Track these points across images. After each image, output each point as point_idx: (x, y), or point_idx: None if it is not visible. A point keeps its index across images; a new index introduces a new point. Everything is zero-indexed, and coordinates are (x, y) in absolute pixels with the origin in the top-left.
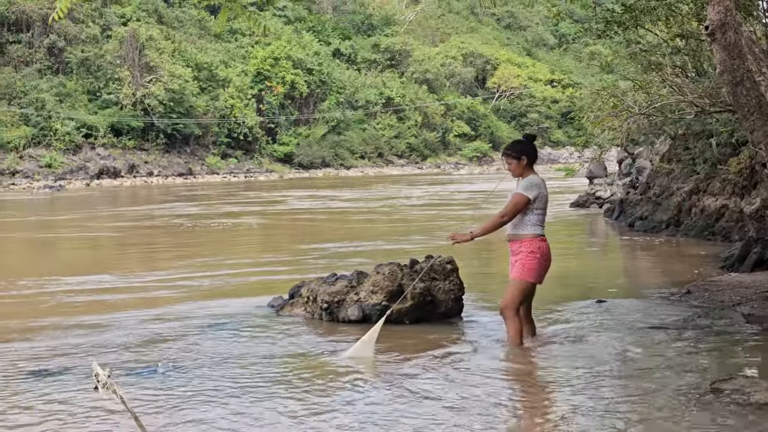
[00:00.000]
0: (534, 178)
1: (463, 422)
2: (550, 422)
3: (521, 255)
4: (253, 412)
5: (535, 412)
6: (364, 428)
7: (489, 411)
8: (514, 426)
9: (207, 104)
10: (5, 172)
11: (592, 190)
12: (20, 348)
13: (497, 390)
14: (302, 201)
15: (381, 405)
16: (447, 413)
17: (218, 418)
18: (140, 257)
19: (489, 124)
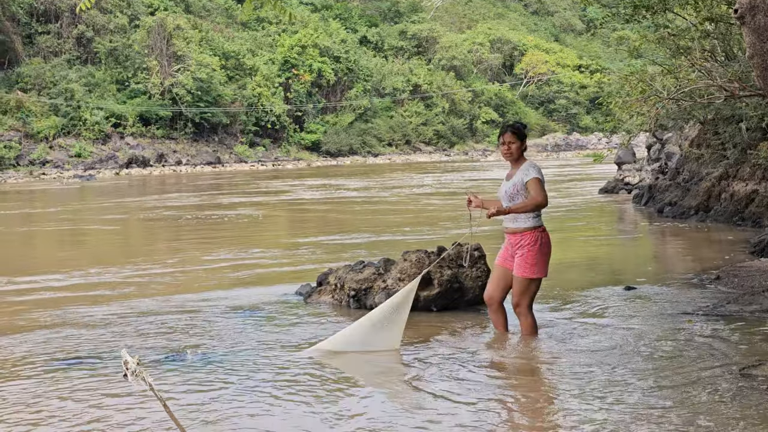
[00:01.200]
0: (534, 163)
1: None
2: (574, 413)
3: (524, 249)
4: (281, 401)
5: (558, 402)
6: (389, 421)
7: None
8: (551, 410)
9: (234, 93)
10: (36, 162)
11: (621, 176)
12: (51, 337)
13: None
14: (334, 189)
15: (403, 398)
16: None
17: (246, 404)
18: (162, 246)
19: (517, 111)
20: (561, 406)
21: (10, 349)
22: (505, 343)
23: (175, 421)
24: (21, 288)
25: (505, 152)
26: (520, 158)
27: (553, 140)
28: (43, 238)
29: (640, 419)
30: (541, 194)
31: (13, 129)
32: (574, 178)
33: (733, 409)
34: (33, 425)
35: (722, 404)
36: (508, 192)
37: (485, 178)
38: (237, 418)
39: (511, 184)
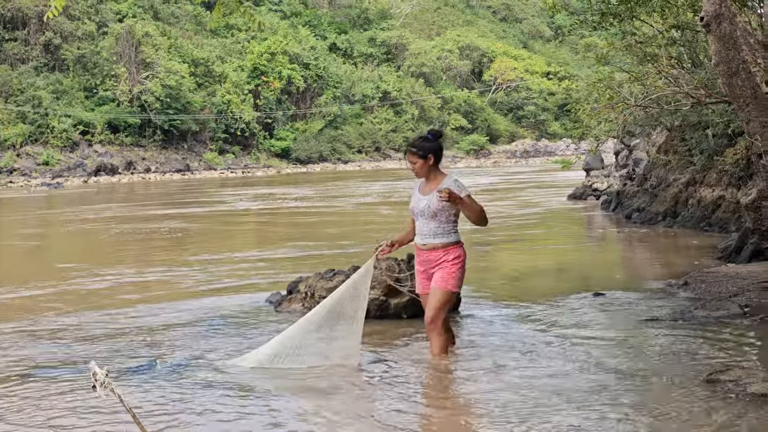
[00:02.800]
0: (456, 177)
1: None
2: (538, 414)
3: (446, 264)
4: (249, 409)
5: (519, 405)
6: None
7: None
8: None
9: (204, 100)
10: (2, 170)
11: (589, 182)
12: (12, 352)
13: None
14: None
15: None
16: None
17: (214, 415)
18: (130, 255)
19: (486, 117)
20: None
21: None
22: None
23: (143, 430)
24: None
25: (413, 172)
26: (433, 172)
27: (522, 146)
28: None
29: (602, 426)
30: (483, 213)
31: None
32: (542, 185)
33: (699, 416)
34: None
35: (689, 411)
36: (432, 207)
37: None
38: (205, 427)
39: (435, 200)
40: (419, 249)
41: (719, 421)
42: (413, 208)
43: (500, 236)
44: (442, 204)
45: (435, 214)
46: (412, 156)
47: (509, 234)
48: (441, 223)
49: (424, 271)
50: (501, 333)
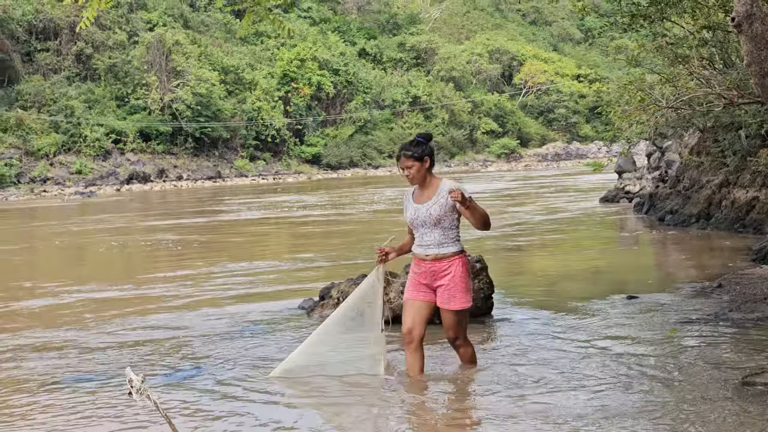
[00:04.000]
0: (453, 182)
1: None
2: (584, 419)
3: (453, 277)
4: (284, 417)
5: (565, 411)
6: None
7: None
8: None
9: (234, 107)
10: (36, 179)
11: (621, 185)
12: (52, 357)
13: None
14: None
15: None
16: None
17: (249, 422)
18: (160, 263)
19: (516, 121)
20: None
21: (12, 370)
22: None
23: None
24: (20, 305)
25: (407, 179)
26: (428, 177)
27: (553, 149)
28: (35, 254)
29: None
30: (487, 217)
31: (13, 147)
32: (574, 188)
33: (735, 419)
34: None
35: (722, 413)
36: (433, 216)
37: (476, 191)
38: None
39: (437, 207)
40: (421, 260)
41: (755, 424)
42: (412, 219)
43: (532, 240)
44: (444, 210)
45: (438, 222)
46: (408, 160)
47: (541, 237)
48: (445, 230)
49: (426, 283)
50: (534, 337)
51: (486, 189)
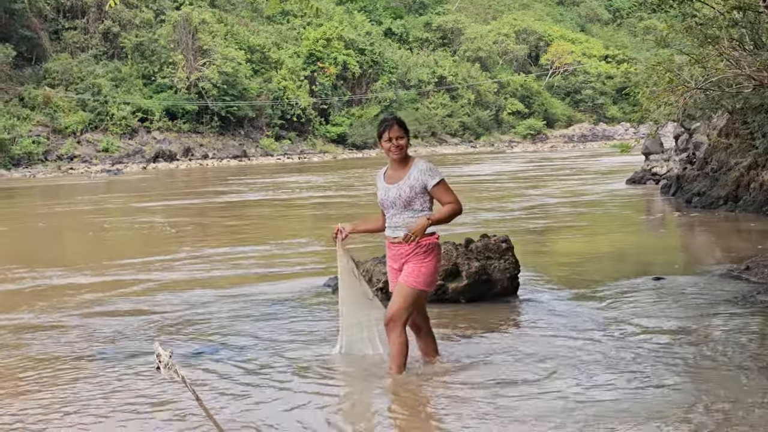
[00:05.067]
0: (428, 162)
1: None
2: (603, 402)
3: (417, 257)
4: (311, 395)
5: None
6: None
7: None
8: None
9: (260, 86)
10: (64, 156)
11: (648, 167)
12: (81, 332)
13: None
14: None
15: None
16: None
17: (276, 399)
18: (182, 240)
19: (543, 102)
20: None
21: (42, 344)
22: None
23: (207, 413)
24: (45, 283)
25: (394, 151)
26: (408, 156)
27: (579, 131)
28: (62, 233)
29: (662, 415)
30: (456, 199)
31: (41, 124)
32: (600, 169)
33: (760, 400)
34: (65, 414)
35: (751, 398)
36: (403, 197)
37: (480, 174)
38: (265, 411)
39: (407, 188)
40: (391, 243)
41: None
42: (382, 200)
43: (559, 220)
44: (415, 192)
45: (408, 204)
46: (401, 130)
47: (568, 218)
48: (416, 213)
49: (397, 267)
50: (560, 319)
51: (510, 169)
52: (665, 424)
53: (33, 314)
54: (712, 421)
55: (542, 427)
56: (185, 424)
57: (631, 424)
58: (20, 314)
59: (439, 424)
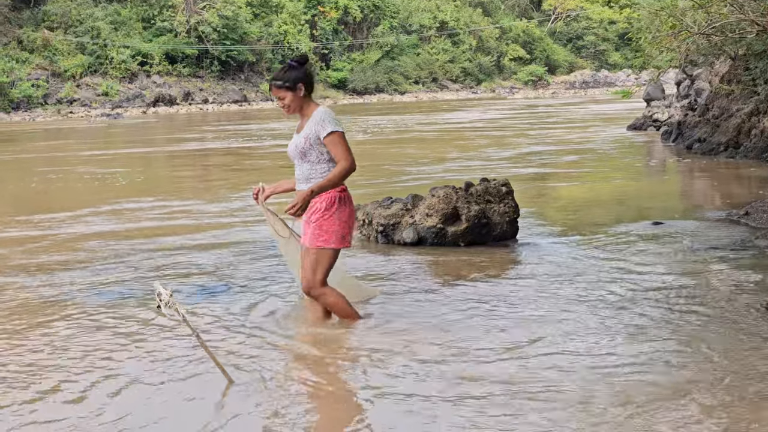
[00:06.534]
0: (327, 109)
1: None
2: (607, 336)
3: (319, 214)
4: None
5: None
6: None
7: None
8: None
9: (260, 30)
10: (63, 100)
11: (650, 113)
12: (83, 273)
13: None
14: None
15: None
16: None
17: (278, 335)
18: (180, 184)
19: (545, 48)
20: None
21: (45, 286)
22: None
23: (207, 351)
24: (45, 225)
25: (283, 110)
26: (306, 106)
27: (581, 77)
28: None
29: (657, 357)
30: (347, 155)
31: (40, 68)
32: (601, 116)
33: (756, 344)
34: (63, 352)
35: (743, 337)
36: (299, 147)
37: (466, 119)
38: (265, 349)
39: (302, 138)
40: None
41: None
42: (289, 150)
43: (559, 166)
44: (310, 142)
45: (304, 155)
46: (279, 90)
47: (568, 164)
48: (313, 165)
49: (306, 222)
50: (558, 262)
51: (511, 115)
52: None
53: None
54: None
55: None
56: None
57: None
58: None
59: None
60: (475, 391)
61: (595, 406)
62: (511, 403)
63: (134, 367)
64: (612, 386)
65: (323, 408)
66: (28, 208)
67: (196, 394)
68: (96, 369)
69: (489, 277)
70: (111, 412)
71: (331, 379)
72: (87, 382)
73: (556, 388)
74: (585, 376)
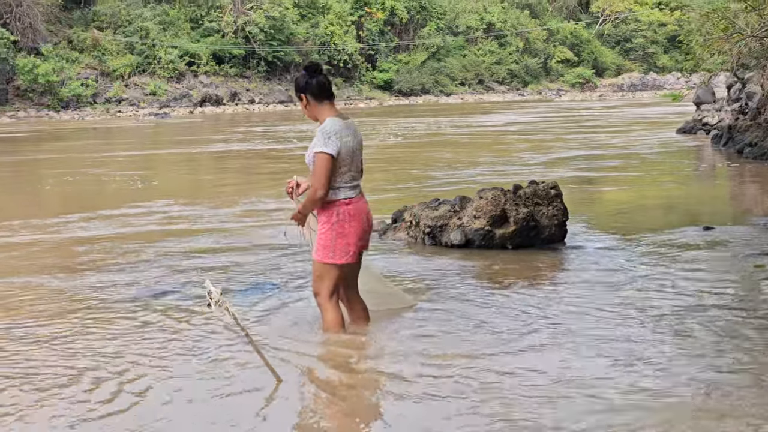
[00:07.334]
0: (329, 123)
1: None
2: (643, 343)
3: (320, 228)
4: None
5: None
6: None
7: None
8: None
9: (307, 31)
10: (112, 99)
11: (699, 117)
12: (135, 271)
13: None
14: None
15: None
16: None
17: (323, 335)
18: (224, 187)
19: (592, 50)
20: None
21: (96, 284)
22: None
23: (256, 349)
24: (98, 224)
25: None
26: (320, 113)
27: (628, 80)
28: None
29: (710, 365)
30: (317, 181)
31: (89, 67)
32: (650, 119)
33: None
34: (116, 355)
35: None
36: (307, 157)
37: (512, 121)
38: (313, 345)
39: (308, 150)
40: None
41: None
42: (305, 158)
43: (608, 169)
44: (310, 156)
45: (310, 165)
46: (297, 98)
47: (616, 167)
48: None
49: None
50: (610, 268)
51: (558, 117)
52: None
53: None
54: None
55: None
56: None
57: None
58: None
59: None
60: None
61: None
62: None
63: (184, 366)
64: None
65: (362, 411)
66: (68, 206)
67: (244, 392)
68: (147, 368)
69: (539, 284)
70: (161, 409)
71: (368, 384)
72: (139, 382)
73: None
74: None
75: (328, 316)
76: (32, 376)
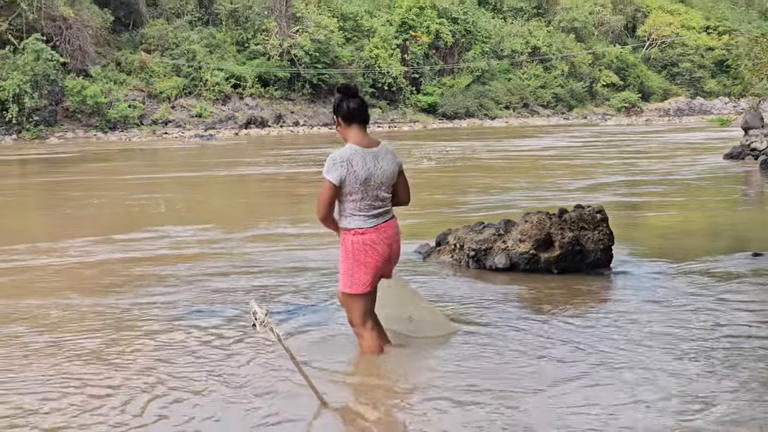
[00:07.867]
0: (344, 149)
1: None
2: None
3: (341, 256)
4: (413, 356)
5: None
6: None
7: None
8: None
9: (352, 54)
10: (158, 121)
11: (747, 142)
12: (180, 292)
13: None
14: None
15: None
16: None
17: (366, 359)
18: (259, 210)
19: (638, 74)
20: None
21: (141, 302)
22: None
23: (301, 371)
24: (138, 245)
25: None
26: (346, 137)
27: (675, 104)
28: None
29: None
30: (317, 204)
31: (137, 89)
32: (697, 144)
33: None
34: (156, 371)
35: None
36: None
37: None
38: (354, 368)
39: None
40: None
41: None
42: None
43: (654, 194)
44: None
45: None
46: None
47: (662, 192)
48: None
49: None
50: (657, 297)
51: (604, 141)
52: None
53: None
54: None
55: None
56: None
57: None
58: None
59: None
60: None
61: None
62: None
63: (227, 388)
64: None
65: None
66: (114, 226)
67: (288, 415)
68: (187, 389)
69: (587, 312)
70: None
71: (408, 409)
72: (184, 401)
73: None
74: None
75: (364, 342)
76: (82, 388)
